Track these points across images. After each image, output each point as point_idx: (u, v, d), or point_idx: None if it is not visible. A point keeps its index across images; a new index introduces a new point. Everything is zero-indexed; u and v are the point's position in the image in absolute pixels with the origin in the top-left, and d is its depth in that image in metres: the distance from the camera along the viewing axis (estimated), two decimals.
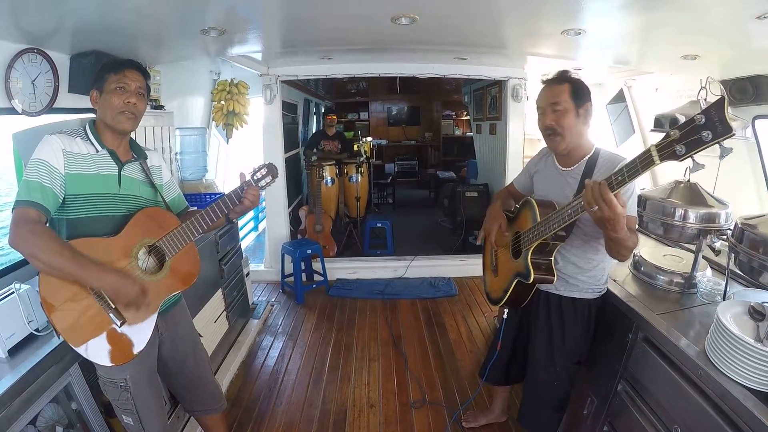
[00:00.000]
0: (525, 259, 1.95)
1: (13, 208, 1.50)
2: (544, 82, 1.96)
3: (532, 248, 1.92)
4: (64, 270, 1.47)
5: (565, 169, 2.01)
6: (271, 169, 1.87)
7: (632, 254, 2.46)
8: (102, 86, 1.70)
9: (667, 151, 1.32)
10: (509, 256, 2.13)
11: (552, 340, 2.11)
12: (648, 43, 2.77)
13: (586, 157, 1.94)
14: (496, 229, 2.21)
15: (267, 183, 1.87)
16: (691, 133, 1.27)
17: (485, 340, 3.85)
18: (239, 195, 1.81)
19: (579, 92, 1.86)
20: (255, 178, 1.84)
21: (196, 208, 1.96)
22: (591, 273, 2.03)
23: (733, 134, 1.21)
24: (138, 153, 1.86)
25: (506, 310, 2.29)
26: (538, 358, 2.19)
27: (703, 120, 1.23)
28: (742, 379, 1.44)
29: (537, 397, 2.23)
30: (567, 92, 1.85)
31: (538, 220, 1.88)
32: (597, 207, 1.53)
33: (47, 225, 1.56)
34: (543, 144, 2.08)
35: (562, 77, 1.90)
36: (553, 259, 1.95)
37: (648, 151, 1.37)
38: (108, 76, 1.69)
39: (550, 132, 1.91)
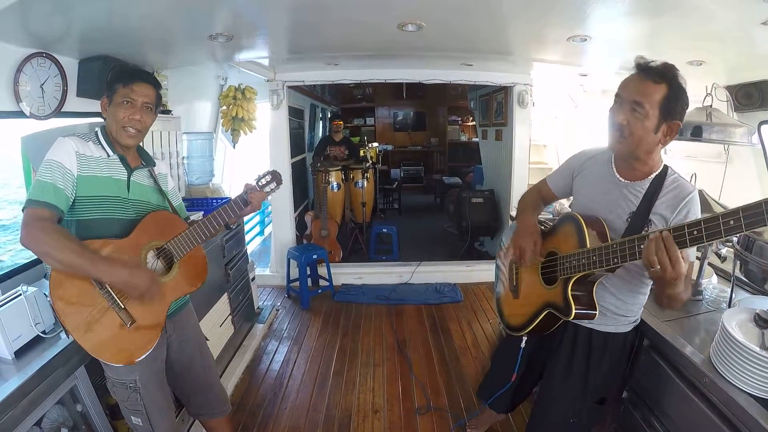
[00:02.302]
0: (564, 290, 1.65)
1: (24, 208, 1.51)
2: (640, 68, 1.54)
3: (574, 278, 1.63)
4: (76, 266, 1.48)
5: (625, 180, 1.68)
6: (276, 176, 1.89)
7: None
8: (111, 96, 1.71)
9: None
10: (538, 280, 1.85)
11: (573, 377, 1.85)
12: (654, 48, 2.76)
13: (653, 175, 1.62)
14: (532, 246, 1.85)
15: (272, 189, 1.89)
16: (736, 222, 1.09)
17: (490, 346, 3.84)
18: (244, 199, 1.84)
19: (673, 103, 1.48)
20: (260, 184, 1.87)
21: (194, 218, 1.97)
22: (631, 305, 1.77)
23: None
24: (147, 160, 1.89)
25: (525, 338, 1.99)
26: (554, 390, 1.93)
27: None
28: (747, 386, 1.43)
29: (549, 427, 1.99)
30: (659, 96, 1.48)
31: (588, 245, 1.57)
32: (659, 267, 1.28)
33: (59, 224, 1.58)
34: (549, 150, 2.02)
35: (664, 74, 1.49)
36: (594, 290, 1.66)
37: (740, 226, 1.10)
38: (118, 87, 1.70)
39: (616, 131, 1.56)
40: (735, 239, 2.00)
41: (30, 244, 1.46)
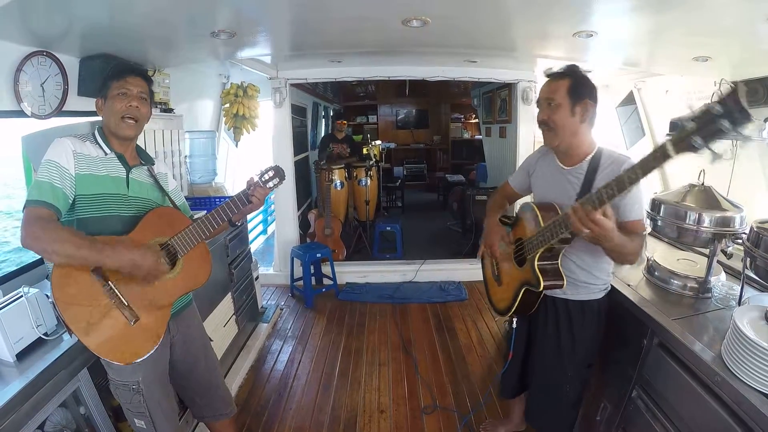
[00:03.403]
0: (532, 266, 1.90)
1: (24, 208, 1.51)
2: (547, 75, 1.92)
3: (537, 255, 1.88)
4: (78, 256, 1.46)
5: (566, 167, 1.96)
6: (278, 172, 1.88)
7: (645, 258, 2.44)
8: (106, 93, 1.73)
9: (683, 143, 1.26)
10: (513, 265, 2.08)
11: (561, 346, 2.07)
12: (659, 44, 2.76)
13: (589, 157, 1.88)
14: (498, 241, 2.17)
15: (275, 185, 1.88)
16: (707, 123, 1.20)
17: (496, 344, 3.82)
18: (248, 194, 1.82)
19: (578, 89, 1.81)
20: (262, 180, 1.85)
21: (198, 217, 1.96)
22: (596, 273, 2.00)
23: (752, 120, 1.15)
24: (145, 159, 1.89)
25: (515, 319, 2.24)
26: (547, 365, 2.14)
27: (720, 109, 1.17)
28: (760, 384, 1.41)
29: (547, 399, 2.18)
30: (565, 88, 1.81)
31: (542, 225, 1.84)
32: (588, 230, 1.55)
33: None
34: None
35: (564, 72, 1.85)
36: (559, 262, 1.91)
37: (663, 146, 1.31)
38: (111, 83, 1.72)
39: (543, 127, 1.91)
40: (744, 236, 1.97)
41: (30, 242, 1.45)
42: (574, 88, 1.81)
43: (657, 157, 1.34)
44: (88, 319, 1.53)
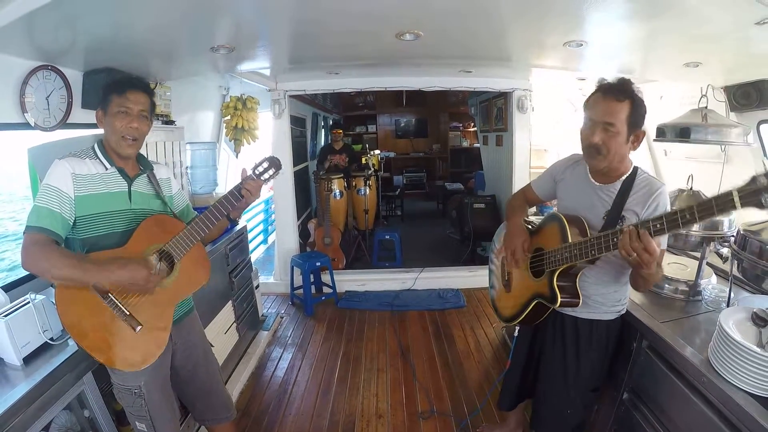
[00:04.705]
0: (550, 281, 1.83)
1: (24, 233, 1.56)
2: (603, 89, 1.71)
3: (559, 270, 1.80)
4: (76, 278, 1.53)
5: (598, 183, 1.86)
6: (273, 162, 1.85)
7: None
8: (106, 107, 1.73)
9: (752, 198, 1.17)
10: (527, 274, 2.02)
11: (566, 367, 2.00)
12: (650, 51, 2.79)
13: (624, 177, 1.80)
14: (520, 247, 2.05)
15: (270, 175, 1.85)
16: None
17: (493, 350, 3.85)
18: (239, 189, 1.80)
19: (637, 116, 1.68)
20: (256, 172, 1.84)
21: (190, 220, 1.98)
22: (612, 293, 1.93)
23: None
24: (144, 165, 1.90)
25: (518, 327, 2.22)
26: (550, 385, 2.09)
27: None
28: (745, 385, 1.45)
29: (549, 421, 2.13)
30: (625, 113, 1.66)
31: (569, 241, 1.75)
32: (635, 255, 1.46)
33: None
34: (549, 155, 2.07)
35: (625, 91, 1.67)
36: (577, 280, 1.85)
37: (729, 194, 1.21)
38: (111, 97, 1.73)
39: (594, 150, 1.73)
40: (732, 239, 2.01)
41: (30, 266, 1.53)
42: (634, 114, 1.67)
43: (720, 206, 1.24)
44: (94, 334, 1.60)
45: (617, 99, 1.66)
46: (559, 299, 1.80)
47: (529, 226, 2.14)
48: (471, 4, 2.03)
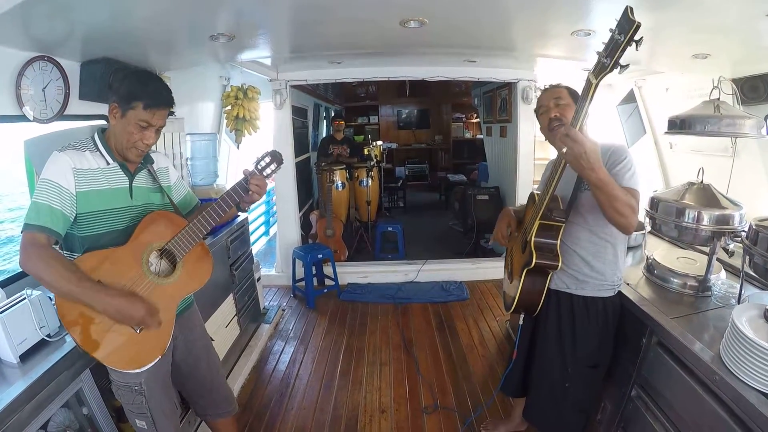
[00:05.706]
0: (529, 243, 1.95)
1: (22, 230, 1.51)
2: (543, 89, 2.10)
3: (534, 230, 1.93)
4: (70, 294, 1.47)
5: None
6: (275, 156, 1.83)
7: (645, 257, 2.44)
8: (127, 109, 1.64)
9: (597, 68, 1.52)
10: (520, 253, 2.12)
11: (562, 340, 2.08)
12: (658, 42, 2.74)
13: None
14: (504, 226, 2.31)
15: (273, 170, 1.83)
16: (609, 44, 1.45)
17: (497, 344, 3.83)
18: (244, 186, 1.77)
19: (575, 94, 1.94)
20: (259, 167, 1.81)
21: (193, 218, 1.95)
22: (601, 269, 2.00)
23: (638, 24, 1.37)
24: (144, 159, 1.84)
25: (522, 316, 2.25)
26: (546, 359, 2.16)
27: (616, 29, 1.42)
28: (758, 383, 1.41)
29: (547, 396, 2.18)
30: (565, 92, 1.99)
31: (536, 201, 1.97)
32: (566, 148, 1.64)
33: (58, 246, 1.59)
34: (553, 147, 2.05)
35: (559, 84, 2.05)
36: (558, 243, 1.94)
37: (587, 79, 1.58)
38: (137, 104, 1.63)
39: (556, 123, 1.95)
40: (744, 234, 1.97)
41: (28, 269, 1.47)
42: (572, 94, 1.98)
43: (586, 90, 1.61)
44: (95, 335, 1.56)
45: (555, 87, 2.03)
46: (535, 258, 1.91)
47: (517, 215, 2.37)
48: None
